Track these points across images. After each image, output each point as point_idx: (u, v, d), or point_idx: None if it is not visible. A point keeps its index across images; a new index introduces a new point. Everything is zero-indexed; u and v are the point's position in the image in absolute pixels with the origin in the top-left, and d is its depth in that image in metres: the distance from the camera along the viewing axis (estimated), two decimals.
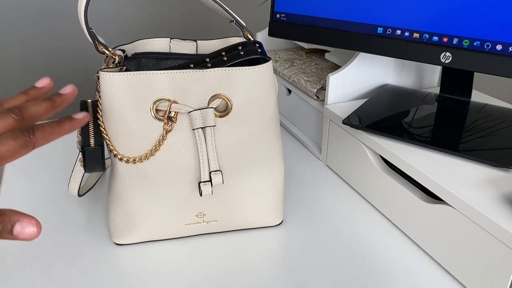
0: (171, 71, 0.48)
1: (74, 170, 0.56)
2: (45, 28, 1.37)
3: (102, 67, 0.50)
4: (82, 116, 0.39)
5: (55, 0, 1.34)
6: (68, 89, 0.40)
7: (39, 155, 0.76)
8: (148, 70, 0.51)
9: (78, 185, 0.57)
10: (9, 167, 0.72)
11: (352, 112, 0.66)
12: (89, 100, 0.50)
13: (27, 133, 0.34)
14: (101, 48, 0.50)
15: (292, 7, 0.71)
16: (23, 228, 0.30)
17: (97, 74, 0.48)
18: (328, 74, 0.71)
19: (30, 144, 0.34)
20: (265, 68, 0.50)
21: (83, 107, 0.50)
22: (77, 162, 0.55)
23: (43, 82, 0.41)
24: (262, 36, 0.94)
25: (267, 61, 0.51)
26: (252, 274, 0.51)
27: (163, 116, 0.49)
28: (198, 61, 0.50)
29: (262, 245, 0.56)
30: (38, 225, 0.31)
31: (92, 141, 0.50)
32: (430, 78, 0.80)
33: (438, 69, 0.80)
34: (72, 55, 1.42)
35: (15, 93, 0.41)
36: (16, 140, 0.33)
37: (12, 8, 1.31)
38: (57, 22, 1.37)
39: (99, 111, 0.49)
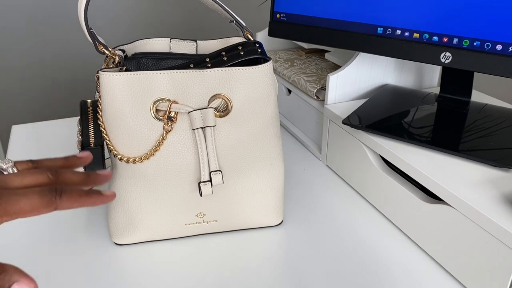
0: (171, 71, 0.48)
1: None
2: (45, 28, 1.37)
3: (102, 67, 0.50)
4: (111, 194, 0.40)
5: (55, 0, 1.34)
6: (106, 172, 0.42)
7: (39, 155, 0.76)
8: (148, 70, 0.51)
9: None
10: None
11: (352, 112, 0.66)
12: (89, 100, 0.50)
13: (55, 193, 0.33)
14: (101, 48, 0.50)
15: (292, 7, 0.71)
16: None
17: (97, 74, 0.48)
18: (328, 74, 0.71)
19: (53, 205, 0.33)
20: (265, 68, 0.50)
21: (83, 107, 0.50)
22: None
23: (84, 155, 0.43)
24: (262, 36, 0.94)
25: (267, 61, 0.51)
26: (252, 274, 0.51)
27: (163, 116, 0.49)
28: (198, 61, 0.50)
29: (262, 245, 0.56)
30: None
31: (92, 141, 0.50)
32: (430, 78, 0.80)
33: (438, 69, 0.80)
34: (72, 55, 1.43)
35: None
36: (42, 197, 0.33)
37: (12, 7, 1.31)
38: (56, 22, 1.37)
39: (99, 111, 0.49)
